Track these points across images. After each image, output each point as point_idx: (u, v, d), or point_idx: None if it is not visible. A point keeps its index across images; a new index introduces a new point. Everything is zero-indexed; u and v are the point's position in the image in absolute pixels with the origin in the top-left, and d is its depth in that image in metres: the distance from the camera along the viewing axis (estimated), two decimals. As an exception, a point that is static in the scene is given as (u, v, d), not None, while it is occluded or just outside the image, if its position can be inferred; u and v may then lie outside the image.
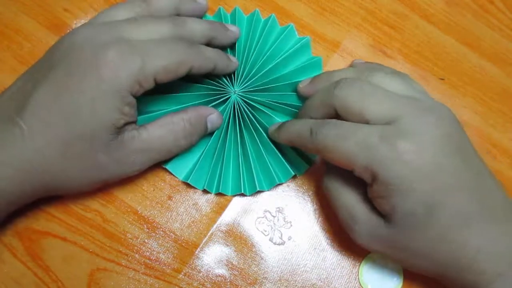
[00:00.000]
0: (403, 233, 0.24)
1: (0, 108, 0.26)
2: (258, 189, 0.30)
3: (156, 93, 0.29)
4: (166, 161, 0.30)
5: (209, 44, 0.30)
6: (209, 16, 0.34)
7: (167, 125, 0.28)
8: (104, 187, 0.29)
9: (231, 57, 0.31)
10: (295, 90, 0.31)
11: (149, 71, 0.25)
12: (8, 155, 0.24)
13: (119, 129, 0.26)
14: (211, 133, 0.31)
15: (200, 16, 0.32)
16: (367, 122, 0.25)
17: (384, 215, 0.25)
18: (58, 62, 0.25)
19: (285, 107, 0.31)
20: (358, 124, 0.25)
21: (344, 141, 0.24)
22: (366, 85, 0.26)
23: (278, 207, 0.31)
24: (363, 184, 0.25)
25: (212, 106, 0.31)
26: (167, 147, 0.28)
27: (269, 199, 0.31)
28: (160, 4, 0.29)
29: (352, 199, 0.26)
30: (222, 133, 0.31)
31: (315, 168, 0.32)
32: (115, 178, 0.28)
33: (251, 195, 0.31)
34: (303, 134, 0.26)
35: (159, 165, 0.30)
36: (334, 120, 0.25)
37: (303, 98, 0.31)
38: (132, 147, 0.26)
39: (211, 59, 0.28)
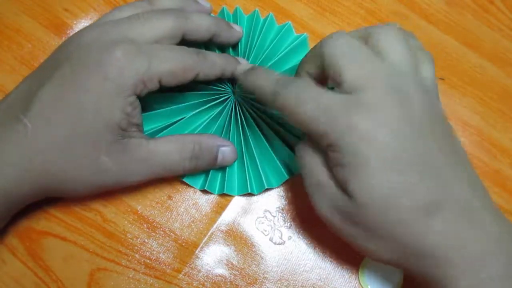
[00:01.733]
0: (358, 207, 0.23)
1: (7, 108, 0.26)
2: (266, 187, 0.30)
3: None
4: None
5: (212, 41, 0.30)
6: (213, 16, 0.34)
7: (177, 142, 0.28)
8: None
9: (241, 59, 0.31)
10: None
11: (155, 72, 0.25)
12: (10, 153, 0.24)
13: (124, 132, 0.26)
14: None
15: None
16: (340, 82, 0.24)
17: (341, 185, 0.24)
18: (64, 62, 0.26)
19: None
20: (321, 89, 0.24)
21: (305, 106, 0.23)
22: (355, 44, 0.24)
23: (278, 207, 0.31)
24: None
25: (212, 105, 0.31)
26: (170, 163, 0.28)
27: (269, 199, 0.31)
28: (163, 5, 0.29)
29: (318, 166, 0.25)
30: (223, 134, 0.31)
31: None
32: (115, 184, 0.27)
33: (253, 194, 0.31)
34: (266, 92, 0.26)
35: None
36: (299, 81, 0.25)
37: None
38: (136, 154, 0.26)
39: (218, 65, 0.28)
